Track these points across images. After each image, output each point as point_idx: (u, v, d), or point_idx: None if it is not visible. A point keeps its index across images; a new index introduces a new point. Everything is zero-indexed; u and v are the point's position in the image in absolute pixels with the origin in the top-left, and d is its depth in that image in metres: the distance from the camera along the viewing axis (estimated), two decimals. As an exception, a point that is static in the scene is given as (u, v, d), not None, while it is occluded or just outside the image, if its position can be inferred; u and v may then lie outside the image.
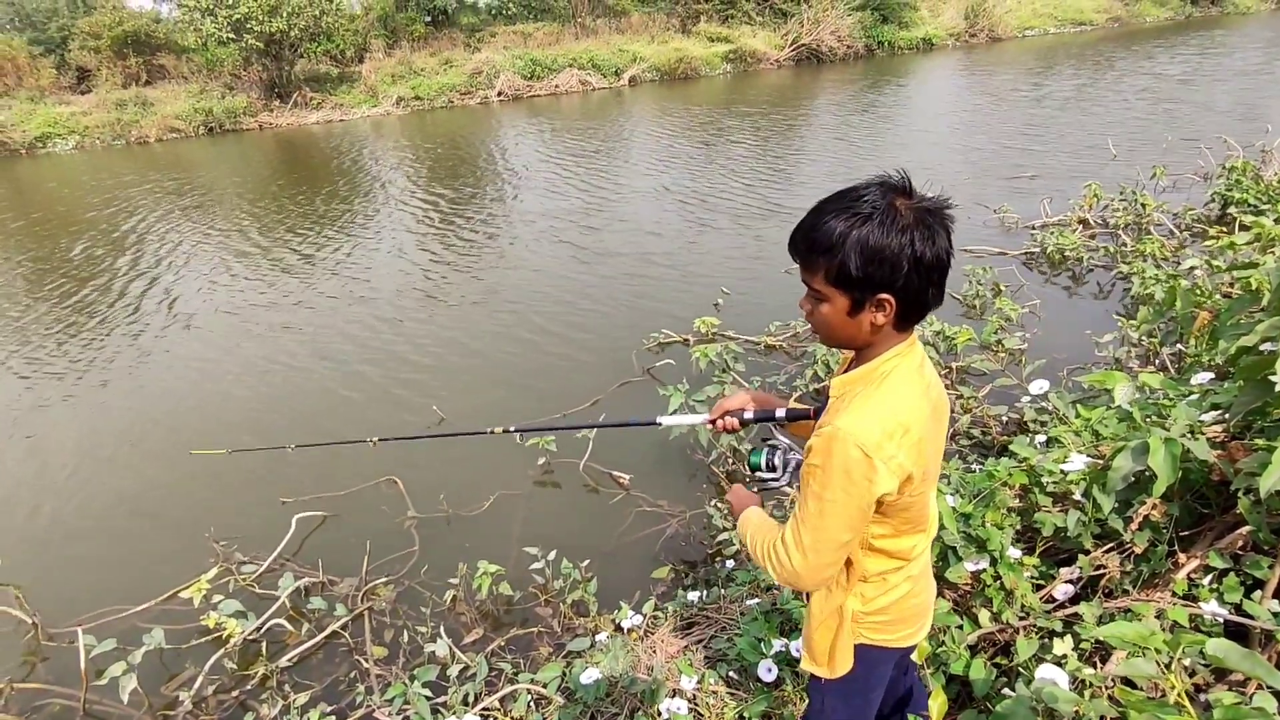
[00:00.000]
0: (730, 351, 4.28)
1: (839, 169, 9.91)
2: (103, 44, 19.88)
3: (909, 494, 1.22)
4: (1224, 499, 2.03)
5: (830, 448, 1.16)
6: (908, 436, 1.17)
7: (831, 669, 1.41)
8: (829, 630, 1.39)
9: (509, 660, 2.76)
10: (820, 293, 1.18)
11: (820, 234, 1.14)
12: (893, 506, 1.23)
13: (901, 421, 1.17)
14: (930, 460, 1.25)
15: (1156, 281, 4.32)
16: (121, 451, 4.63)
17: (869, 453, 1.13)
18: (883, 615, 1.36)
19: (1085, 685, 1.61)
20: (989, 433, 3.64)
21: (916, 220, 1.11)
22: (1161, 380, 2.14)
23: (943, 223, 1.14)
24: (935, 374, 1.30)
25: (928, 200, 1.14)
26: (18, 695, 2.93)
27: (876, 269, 1.11)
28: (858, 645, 1.39)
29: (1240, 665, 0.98)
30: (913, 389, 1.21)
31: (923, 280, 1.14)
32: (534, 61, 20.47)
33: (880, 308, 1.15)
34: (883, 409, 1.17)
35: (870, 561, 1.33)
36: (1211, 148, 7.79)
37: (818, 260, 1.15)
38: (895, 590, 1.35)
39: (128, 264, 8.37)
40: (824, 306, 1.19)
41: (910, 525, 1.29)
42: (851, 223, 1.11)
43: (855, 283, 1.13)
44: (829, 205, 1.15)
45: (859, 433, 1.14)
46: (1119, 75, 15.23)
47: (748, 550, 1.37)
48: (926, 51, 23.14)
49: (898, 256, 1.10)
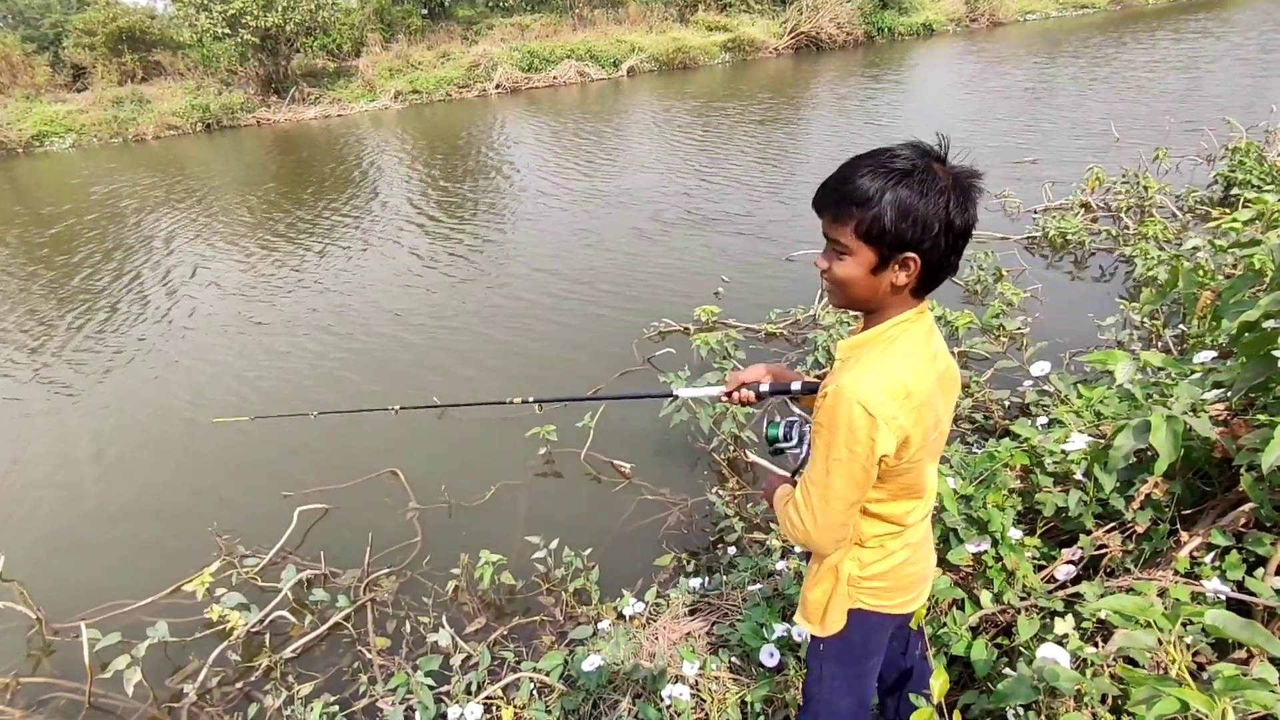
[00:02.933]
0: (731, 339, 4.27)
1: (839, 155, 9.76)
2: (97, 41, 19.86)
3: (906, 459, 1.22)
4: (1226, 477, 2.01)
5: (835, 406, 1.16)
6: (909, 400, 1.17)
7: (823, 627, 1.43)
8: (824, 589, 1.40)
9: (512, 649, 2.76)
10: (845, 247, 1.17)
11: (856, 186, 1.13)
12: (890, 471, 1.23)
13: (903, 382, 1.17)
14: (931, 428, 1.24)
15: (1159, 263, 4.28)
16: (121, 448, 4.64)
17: (871, 410, 1.14)
18: (880, 581, 1.37)
19: (1087, 664, 1.60)
20: (991, 416, 3.63)
21: (954, 184, 1.13)
22: (1163, 359, 2.12)
23: (974, 192, 1.15)
24: (945, 346, 1.30)
25: (963, 168, 1.15)
26: (24, 690, 2.95)
27: (909, 227, 1.11)
28: (853, 610, 1.39)
29: (1240, 635, 0.98)
30: (918, 354, 1.21)
31: (948, 246, 1.15)
32: (532, 54, 20.39)
33: (905, 267, 1.15)
34: (885, 370, 1.17)
35: (866, 525, 1.33)
36: (1215, 129, 7.73)
37: (850, 212, 1.14)
38: (893, 557, 1.35)
39: (128, 263, 8.38)
40: (848, 262, 1.18)
41: (906, 491, 1.30)
42: (890, 178, 1.11)
43: (885, 238, 1.13)
44: (864, 160, 1.15)
45: (860, 390, 1.14)
46: (1121, 58, 15.11)
47: (779, 522, 1.37)
48: (927, 37, 23.00)
49: (931, 217, 1.11)
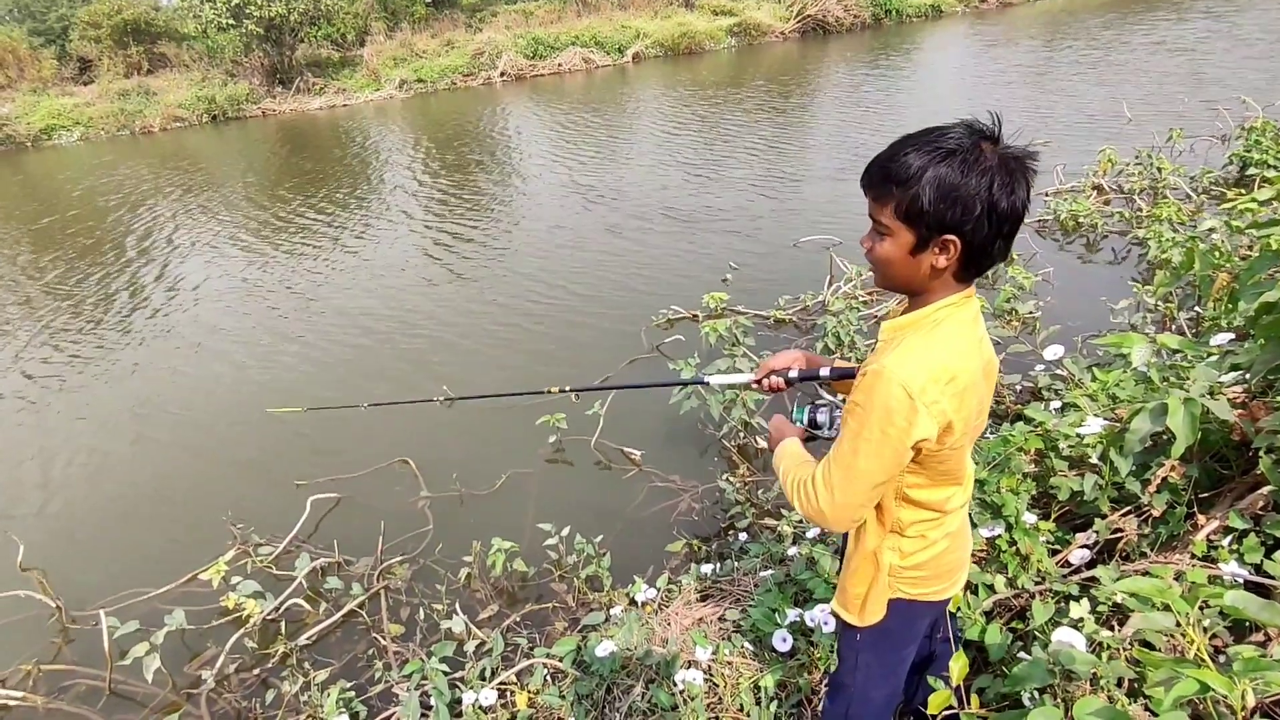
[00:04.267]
0: (740, 326, 4.25)
1: (847, 139, 9.76)
2: (103, 33, 19.86)
3: (949, 445, 1.20)
4: (1244, 460, 1.99)
5: (874, 386, 1.14)
6: (953, 384, 1.15)
7: (862, 618, 1.41)
8: (863, 579, 1.38)
9: (525, 635, 2.78)
10: (886, 227, 1.15)
11: (898, 165, 1.11)
12: (932, 458, 1.22)
13: (949, 368, 1.14)
14: (974, 414, 1.22)
15: (1174, 244, 4.22)
16: (137, 440, 4.68)
17: (912, 394, 1.12)
18: (920, 571, 1.36)
19: (1103, 648, 1.60)
20: (1003, 402, 3.61)
21: (1000, 165, 1.08)
22: (1180, 342, 2.09)
23: (1025, 174, 1.10)
24: (986, 333, 1.28)
25: (1014, 148, 1.11)
26: (45, 677, 2.99)
27: (949, 207, 1.08)
28: (893, 599, 1.38)
29: (1259, 616, 0.97)
30: (965, 340, 1.18)
31: (993, 229, 1.10)
32: (536, 41, 20.25)
33: (944, 249, 1.12)
34: (931, 354, 1.15)
35: (905, 512, 1.31)
36: (1230, 109, 7.60)
37: (890, 191, 1.12)
38: (934, 547, 1.34)
39: (143, 253, 8.42)
40: (887, 242, 1.16)
41: (946, 478, 1.28)
42: (932, 158, 1.08)
43: (924, 219, 1.10)
44: (911, 139, 1.12)
45: (904, 373, 1.12)
46: (1133, 37, 14.85)
47: (780, 481, 1.35)
48: (935, 19, 22.64)
49: (972, 198, 1.07)
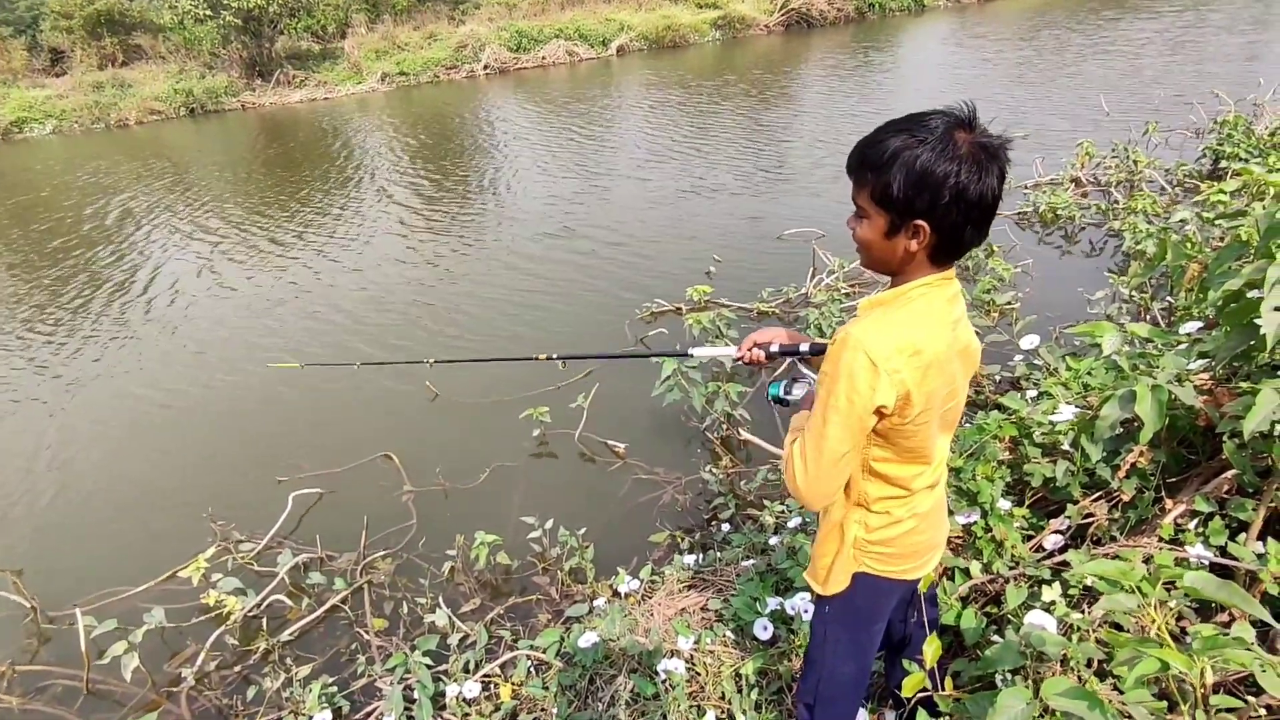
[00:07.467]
0: (723, 319, 4.27)
1: (829, 133, 9.80)
2: (75, 24, 19.42)
3: (910, 419, 1.22)
4: (1210, 445, 2.04)
5: (840, 352, 1.18)
6: (918, 357, 1.18)
7: (825, 587, 1.46)
8: (829, 550, 1.43)
9: (508, 628, 2.79)
10: (864, 210, 1.21)
11: (874, 151, 1.15)
12: (896, 432, 1.24)
13: (914, 341, 1.18)
14: (941, 393, 1.25)
15: (1148, 236, 4.30)
16: (113, 436, 4.63)
17: (875, 361, 1.15)
18: (886, 547, 1.38)
19: (1073, 629, 1.63)
20: (982, 391, 3.66)
21: (970, 153, 1.11)
22: (1150, 330, 2.13)
23: (997, 162, 1.13)
24: (967, 319, 1.30)
25: (988, 137, 1.13)
26: (20, 678, 2.95)
27: (917, 194, 1.12)
28: (858, 573, 1.41)
29: (1217, 595, 1.00)
30: (936, 318, 1.22)
31: (962, 216, 1.14)
32: (520, 33, 20.08)
33: (915, 234, 1.16)
34: (898, 327, 1.18)
35: (870, 486, 1.34)
36: (1204, 103, 7.73)
37: (866, 176, 1.17)
38: (900, 525, 1.37)
39: (115, 248, 8.28)
40: (865, 224, 1.21)
41: (912, 455, 1.30)
42: (906, 144, 1.12)
43: (895, 204, 1.14)
44: (892, 125, 1.16)
45: (868, 341, 1.16)
46: (1113, 32, 15.02)
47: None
48: (918, 13, 22.75)
49: (940, 185, 1.10)
